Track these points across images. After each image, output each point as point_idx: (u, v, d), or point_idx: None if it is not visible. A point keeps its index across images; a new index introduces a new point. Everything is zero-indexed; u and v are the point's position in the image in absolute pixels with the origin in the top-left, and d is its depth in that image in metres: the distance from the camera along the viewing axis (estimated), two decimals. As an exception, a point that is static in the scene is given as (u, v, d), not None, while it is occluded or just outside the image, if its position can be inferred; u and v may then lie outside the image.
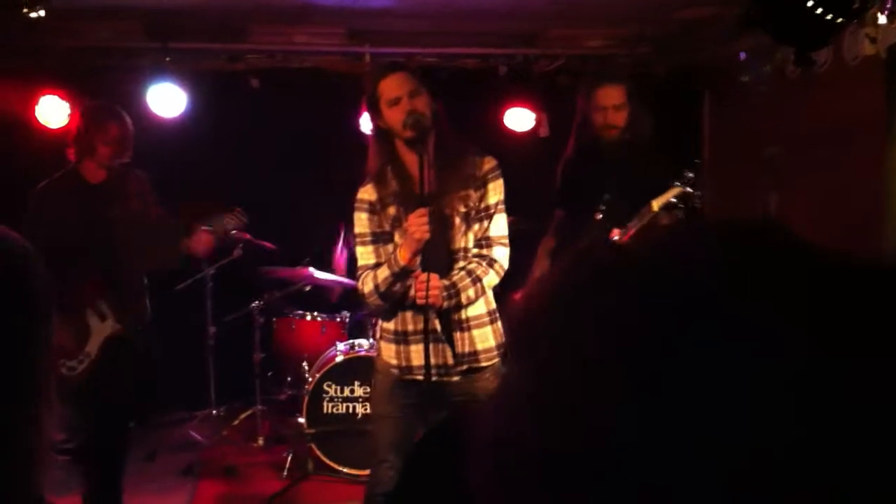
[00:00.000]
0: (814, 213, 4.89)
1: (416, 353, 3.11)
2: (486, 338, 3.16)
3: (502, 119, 6.12)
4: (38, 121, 5.64)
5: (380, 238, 3.16)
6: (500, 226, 3.23)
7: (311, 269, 5.29)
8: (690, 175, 3.78)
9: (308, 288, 5.50)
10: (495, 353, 3.17)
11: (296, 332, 5.43)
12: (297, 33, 5.86)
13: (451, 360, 3.11)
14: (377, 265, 3.12)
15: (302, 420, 4.95)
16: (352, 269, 4.70)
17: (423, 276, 3.02)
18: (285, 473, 4.99)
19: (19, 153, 5.63)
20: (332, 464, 4.89)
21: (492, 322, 3.20)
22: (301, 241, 5.59)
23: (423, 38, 5.90)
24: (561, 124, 4.82)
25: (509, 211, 5.09)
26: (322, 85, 6.04)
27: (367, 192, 3.17)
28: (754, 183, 5.61)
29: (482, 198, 3.18)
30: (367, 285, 3.12)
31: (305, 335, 5.40)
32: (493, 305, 3.23)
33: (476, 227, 3.17)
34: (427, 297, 3.00)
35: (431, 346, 3.05)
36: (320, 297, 5.64)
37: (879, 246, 4.46)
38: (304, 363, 5.25)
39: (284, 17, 5.62)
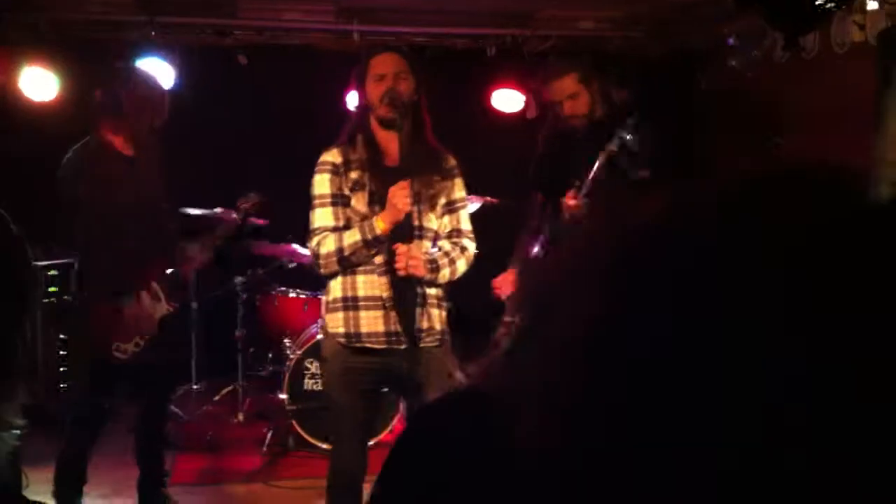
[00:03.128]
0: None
1: (366, 321, 3.12)
2: (436, 319, 3.20)
3: (490, 100, 6.10)
4: (22, 93, 5.60)
5: (339, 200, 3.15)
6: (467, 220, 3.33)
7: (295, 245, 5.28)
8: (630, 122, 3.75)
9: (291, 265, 5.49)
10: (439, 336, 3.21)
11: (278, 309, 5.42)
12: (286, 10, 5.82)
13: (400, 329, 3.11)
14: (336, 228, 3.11)
15: (283, 396, 4.95)
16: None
17: (404, 247, 3.03)
18: (265, 449, 5.00)
19: (4, 125, 5.60)
20: (312, 440, 4.89)
21: (439, 307, 3.24)
22: (286, 217, 5.57)
23: (413, 17, 5.87)
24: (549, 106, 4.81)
25: (495, 192, 5.10)
26: (310, 62, 6.02)
27: (331, 155, 3.18)
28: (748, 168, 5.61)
29: (449, 190, 3.26)
30: (325, 247, 3.09)
31: (288, 312, 5.39)
32: (444, 293, 3.27)
33: (445, 218, 3.26)
34: (408, 266, 3.01)
35: (383, 314, 3.09)
36: (303, 274, 5.63)
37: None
38: (286, 340, 5.24)
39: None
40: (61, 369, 5.49)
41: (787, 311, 0.45)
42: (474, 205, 5.12)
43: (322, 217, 3.15)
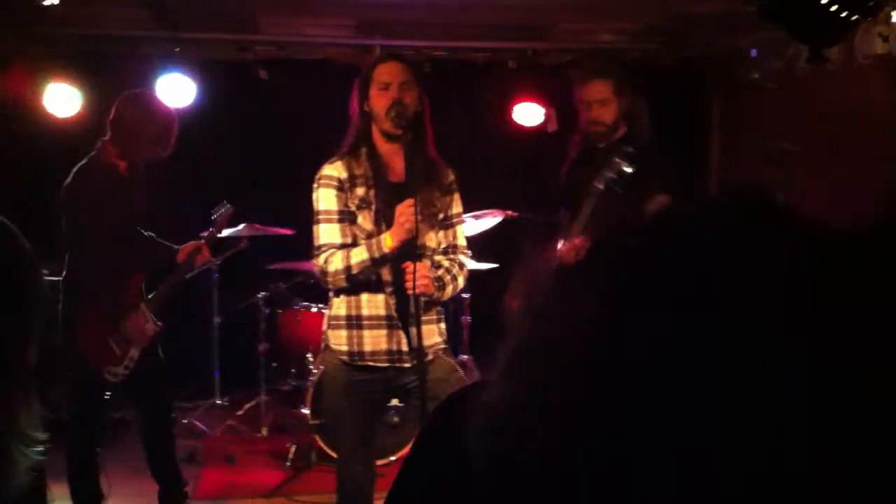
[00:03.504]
0: (822, 209, 4.85)
1: (369, 339, 3.13)
2: (436, 333, 3.24)
3: (510, 113, 6.10)
4: (46, 109, 5.64)
5: (346, 217, 3.14)
6: (463, 235, 3.34)
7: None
8: (628, 150, 3.70)
9: (313, 279, 5.49)
10: (442, 346, 3.26)
11: (300, 324, 5.43)
12: (306, 24, 5.85)
13: (405, 347, 3.12)
14: (344, 245, 3.10)
15: (305, 411, 4.95)
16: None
17: (412, 266, 3.02)
18: (288, 464, 5.00)
19: (27, 142, 5.65)
20: (334, 455, 4.88)
21: (439, 321, 3.28)
22: (307, 232, 5.58)
23: (433, 31, 5.88)
24: (570, 119, 4.80)
25: (515, 206, 5.08)
26: (331, 76, 6.03)
27: (335, 169, 3.15)
28: (762, 179, 5.58)
29: (447, 206, 3.26)
30: (332, 265, 3.09)
31: (310, 326, 5.39)
32: (441, 305, 3.30)
33: (441, 232, 3.25)
34: (415, 286, 3.01)
35: (386, 333, 3.11)
36: (325, 289, 5.63)
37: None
38: (309, 354, 5.25)
39: (294, 8, 5.60)
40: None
41: (787, 311, 0.45)
42: (495, 218, 5.12)
43: (328, 234, 3.13)
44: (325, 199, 3.14)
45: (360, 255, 3.05)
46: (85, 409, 3.93)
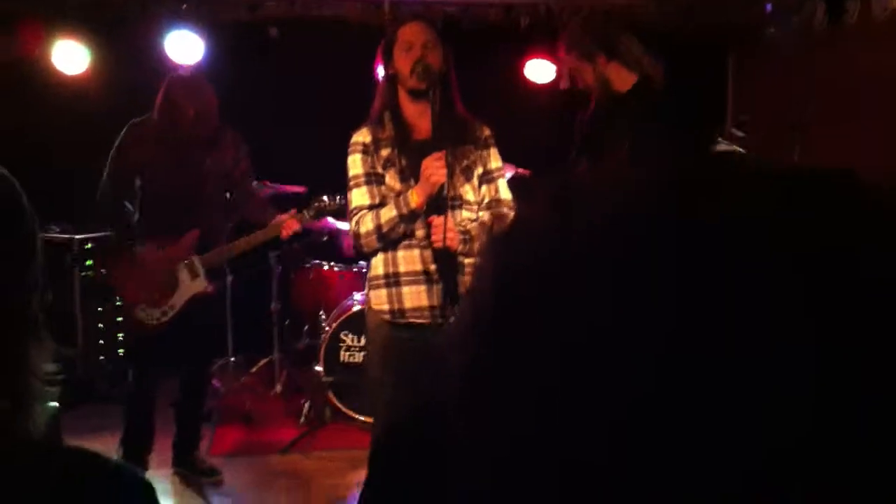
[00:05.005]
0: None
1: (409, 295, 3.12)
2: None
3: (522, 70, 6.05)
4: (54, 66, 5.63)
5: (373, 179, 3.16)
6: (506, 189, 3.30)
7: (329, 218, 5.28)
8: (740, 134, 3.70)
9: (325, 237, 5.51)
10: None
11: (313, 282, 5.45)
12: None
13: (445, 302, 3.11)
14: (373, 206, 3.12)
15: (319, 369, 4.99)
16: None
17: (439, 220, 3.02)
18: (302, 421, 5.05)
19: (36, 98, 5.65)
20: (348, 412, 4.94)
21: None
22: (319, 191, 5.58)
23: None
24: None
25: (528, 163, 5.07)
26: (342, 35, 5.99)
27: (361, 135, 3.19)
28: (780, 141, 5.54)
29: (485, 160, 3.25)
30: (364, 225, 3.10)
31: (323, 285, 5.42)
32: None
33: (484, 187, 3.24)
34: (444, 239, 3.01)
35: (426, 288, 3.09)
36: (338, 247, 5.65)
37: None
38: (322, 313, 5.27)
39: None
40: (100, 342, 5.57)
41: (795, 298, 0.43)
42: (506, 174, 5.10)
43: (358, 197, 3.16)
44: (352, 164, 3.18)
45: (388, 213, 3.07)
46: (132, 347, 4.17)
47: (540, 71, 6.05)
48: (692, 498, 0.42)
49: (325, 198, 4.49)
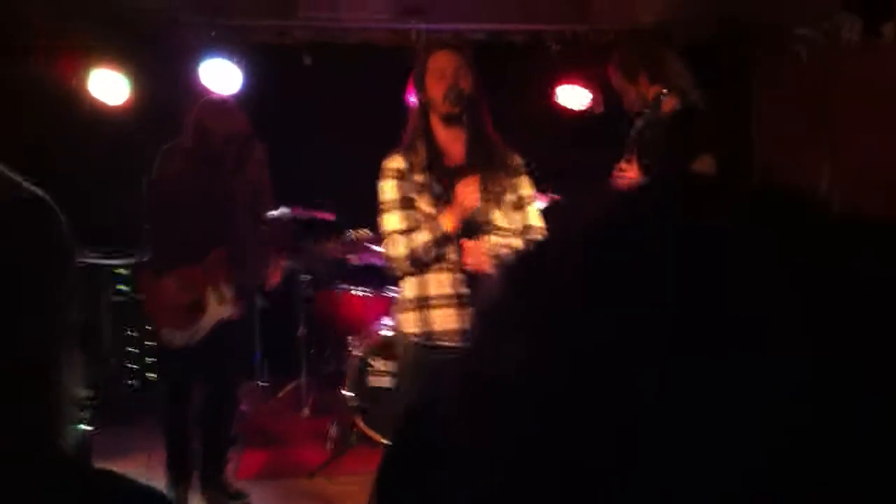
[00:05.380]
0: (870, 182, 4.75)
1: (439, 318, 3.12)
2: None
3: (554, 96, 6.06)
4: (92, 96, 5.72)
5: (406, 204, 3.18)
6: (536, 217, 3.30)
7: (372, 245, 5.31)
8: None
9: (354, 262, 5.53)
10: None
11: (341, 306, 5.46)
12: (346, 8, 5.87)
13: None
14: (406, 230, 3.13)
15: (346, 393, 4.99)
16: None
17: (471, 243, 3.04)
18: (329, 445, 5.04)
19: (74, 128, 5.73)
20: (375, 436, 4.92)
21: None
22: (349, 214, 5.61)
23: (472, 14, 5.86)
24: (615, 101, 4.76)
25: (561, 189, 5.06)
26: (372, 59, 6.05)
27: (395, 161, 3.21)
28: (807, 152, 5.48)
29: (515, 187, 3.26)
30: (397, 249, 3.12)
31: (351, 309, 5.43)
32: None
33: (515, 214, 3.24)
34: (470, 262, 3.02)
35: (456, 311, 3.09)
36: (366, 271, 5.66)
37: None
38: (350, 337, 5.28)
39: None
40: (130, 365, 5.62)
41: (793, 311, 0.44)
42: (540, 203, 5.10)
43: (391, 221, 3.18)
44: (385, 189, 3.20)
45: (421, 237, 3.09)
46: (164, 374, 4.18)
47: (572, 96, 6.05)
48: (695, 500, 0.43)
49: (352, 232, 4.58)
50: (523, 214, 3.26)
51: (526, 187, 3.30)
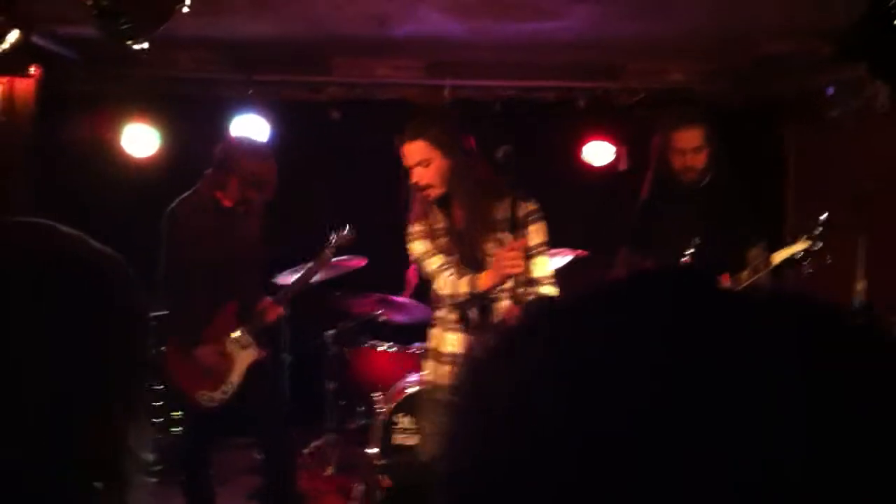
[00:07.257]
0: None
1: (444, 375, 3.37)
2: None
3: (580, 152, 6.07)
4: (124, 150, 5.81)
5: (439, 251, 3.39)
6: (544, 266, 3.37)
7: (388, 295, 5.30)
8: (819, 229, 3.72)
9: (382, 318, 5.51)
10: None
11: (368, 362, 5.43)
12: (378, 66, 5.94)
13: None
14: (446, 266, 3.35)
15: (372, 450, 4.93)
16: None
17: (502, 251, 3.20)
18: (355, 503, 4.97)
19: (106, 182, 5.80)
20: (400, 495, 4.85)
21: None
22: (379, 269, 5.61)
23: (503, 70, 5.91)
24: (641, 158, 4.76)
25: (586, 244, 5.04)
26: (402, 116, 6.07)
27: (418, 225, 3.43)
28: (842, 224, 5.41)
29: (526, 238, 3.32)
30: (444, 284, 3.34)
31: (378, 365, 5.39)
32: None
33: (528, 263, 3.33)
34: (508, 266, 3.20)
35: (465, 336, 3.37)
36: (394, 328, 5.64)
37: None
38: (376, 393, 5.24)
39: (366, 50, 5.70)
40: (154, 420, 5.60)
41: (788, 361, 0.45)
42: (565, 258, 5.08)
43: (434, 262, 3.37)
44: (419, 247, 3.40)
45: (463, 286, 3.26)
46: (190, 436, 4.15)
47: (598, 153, 6.06)
48: None
49: (335, 234, 4.55)
50: (530, 264, 3.32)
51: (537, 236, 3.35)
